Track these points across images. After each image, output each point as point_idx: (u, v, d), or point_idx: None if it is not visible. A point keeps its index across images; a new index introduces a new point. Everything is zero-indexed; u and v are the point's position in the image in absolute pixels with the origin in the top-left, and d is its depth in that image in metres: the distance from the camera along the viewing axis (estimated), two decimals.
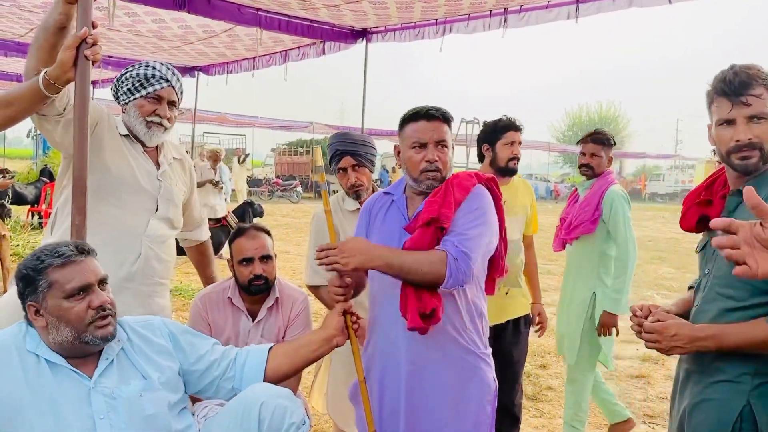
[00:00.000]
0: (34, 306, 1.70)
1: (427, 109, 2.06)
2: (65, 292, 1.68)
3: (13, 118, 1.98)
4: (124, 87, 2.29)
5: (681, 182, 36.46)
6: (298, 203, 22.96)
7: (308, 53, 7.02)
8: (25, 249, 8.59)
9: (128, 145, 2.32)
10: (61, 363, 1.71)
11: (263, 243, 2.64)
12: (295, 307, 2.70)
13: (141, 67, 2.29)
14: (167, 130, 2.36)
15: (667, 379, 4.88)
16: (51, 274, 1.68)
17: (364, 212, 2.25)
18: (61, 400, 1.67)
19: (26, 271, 1.70)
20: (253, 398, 1.84)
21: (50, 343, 1.71)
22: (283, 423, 1.81)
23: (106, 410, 1.71)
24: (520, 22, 5.18)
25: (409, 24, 5.89)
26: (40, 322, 1.70)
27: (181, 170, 2.56)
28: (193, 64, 8.34)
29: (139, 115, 2.29)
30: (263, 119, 24.14)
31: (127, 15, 5.80)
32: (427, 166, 2.03)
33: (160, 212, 2.36)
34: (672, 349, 1.66)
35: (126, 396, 1.74)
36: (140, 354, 1.84)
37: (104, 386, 1.73)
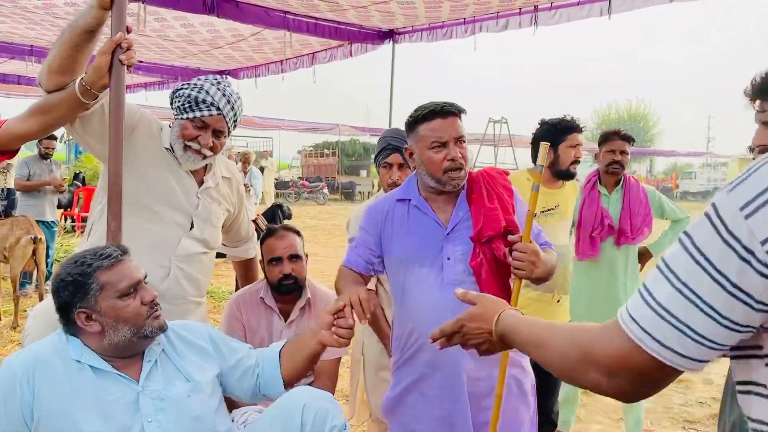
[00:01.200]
0: (85, 312, 1.67)
1: (441, 105, 1.97)
2: (119, 291, 1.68)
3: (52, 125, 1.99)
4: (177, 103, 2.18)
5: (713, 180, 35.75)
6: (324, 205, 23.03)
7: (335, 55, 7.02)
8: (59, 252, 8.73)
9: (169, 158, 2.21)
10: (107, 369, 1.70)
11: (292, 242, 2.63)
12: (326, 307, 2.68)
13: (195, 88, 2.15)
14: (206, 158, 2.22)
15: (706, 384, 4.75)
16: (101, 276, 1.67)
17: (371, 219, 2.11)
18: (109, 406, 1.67)
19: (73, 277, 1.67)
20: (296, 401, 1.83)
21: (104, 346, 1.70)
22: (325, 425, 1.80)
23: (155, 413, 1.70)
24: (552, 20, 5.09)
25: (437, 24, 5.84)
26: (94, 327, 1.68)
27: (228, 190, 2.44)
28: (222, 68, 8.40)
29: (180, 136, 2.16)
30: (290, 121, 24.32)
31: (157, 20, 5.86)
32: (451, 165, 1.95)
33: (195, 231, 2.24)
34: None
35: (174, 397, 1.75)
36: (182, 356, 1.84)
37: (151, 389, 1.73)
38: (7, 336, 5.33)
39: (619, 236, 3.29)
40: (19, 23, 6.14)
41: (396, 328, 2.12)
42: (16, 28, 6.39)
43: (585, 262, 3.35)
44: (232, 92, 2.21)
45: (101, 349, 1.71)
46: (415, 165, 2.05)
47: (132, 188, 2.06)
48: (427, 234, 2.01)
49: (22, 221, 5.80)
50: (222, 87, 2.19)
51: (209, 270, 2.39)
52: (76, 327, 1.71)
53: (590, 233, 3.30)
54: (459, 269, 1.96)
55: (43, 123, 1.95)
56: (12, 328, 5.53)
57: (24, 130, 1.96)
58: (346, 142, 30.98)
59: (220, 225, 2.37)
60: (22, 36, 6.78)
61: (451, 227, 1.99)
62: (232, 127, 2.24)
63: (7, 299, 6.00)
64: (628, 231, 3.27)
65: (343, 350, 2.68)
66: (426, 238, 2.00)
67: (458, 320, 1.37)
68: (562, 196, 2.99)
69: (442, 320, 1.88)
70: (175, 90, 2.21)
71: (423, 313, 1.96)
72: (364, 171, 30.86)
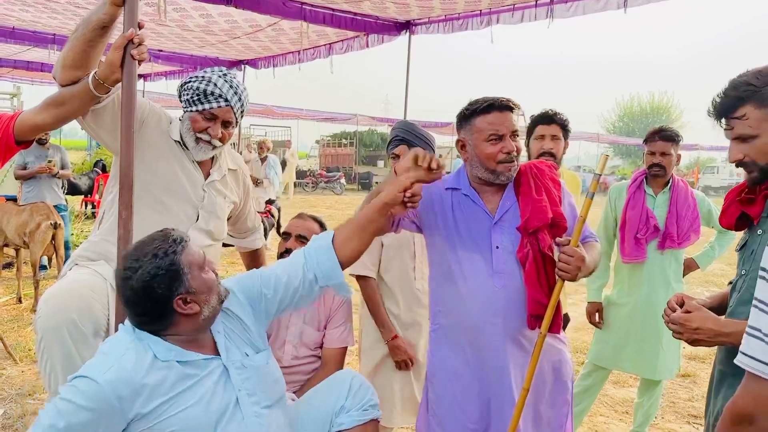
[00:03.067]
0: (182, 297, 1.71)
1: (499, 100, 2.04)
2: (199, 266, 1.75)
3: (66, 117, 2.05)
4: (185, 96, 2.25)
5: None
6: (341, 195, 23.09)
7: (352, 46, 7.04)
8: (79, 238, 8.90)
9: (178, 151, 2.28)
10: (193, 358, 1.73)
11: (307, 226, 2.70)
12: (337, 298, 2.73)
13: (203, 81, 2.22)
14: (216, 149, 2.30)
15: None
16: (184, 259, 1.72)
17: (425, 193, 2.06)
18: (207, 390, 1.73)
19: (165, 269, 1.67)
20: (346, 372, 2.13)
21: (198, 325, 1.75)
22: (366, 396, 2.04)
23: (241, 381, 1.80)
24: (567, 12, 5.06)
25: (452, 15, 5.83)
26: (193, 308, 1.72)
27: (234, 182, 2.50)
28: (240, 57, 8.47)
29: (191, 129, 2.24)
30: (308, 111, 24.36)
31: (176, 10, 5.93)
32: (506, 158, 2.02)
33: (200, 223, 2.30)
34: (695, 341, 1.66)
35: (255, 365, 1.85)
36: (242, 325, 1.90)
37: (233, 359, 1.82)
38: (27, 318, 5.47)
39: (663, 239, 3.18)
40: (42, 12, 6.25)
41: (438, 304, 2.18)
42: (39, 18, 6.51)
43: (627, 265, 3.26)
44: (239, 83, 2.28)
45: (193, 332, 1.75)
46: (467, 157, 2.10)
47: (142, 179, 2.12)
48: (475, 222, 2.08)
49: (41, 207, 5.93)
50: (229, 79, 2.25)
51: (217, 259, 2.45)
52: (167, 321, 1.72)
53: (635, 234, 3.20)
54: (507, 258, 2.05)
55: (57, 115, 2.02)
56: (32, 311, 5.67)
57: (38, 122, 2.03)
58: (364, 133, 30.96)
59: (225, 217, 2.43)
60: (45, 25, 6.90)
61: (499, 217, 2.07)
62: (239, 117, 2.31)
63: (28, 283, 6.15)
64: (674, 235, 3.16)
65: (350, 339, 2.74)
66: (475, 226, 2.07)
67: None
68: None
69: (489, 306, 2.02)
70: (182, 83, 2.28)
71: (472, 299, 2.05)
72: (382, 161, 30.83)
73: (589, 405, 3.46)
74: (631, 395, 4.25)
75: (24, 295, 6.04)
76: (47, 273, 7.06)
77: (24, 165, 6.54)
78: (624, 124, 51.44)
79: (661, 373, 3.26)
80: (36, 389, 3.91)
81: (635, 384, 4.45)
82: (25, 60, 9.60)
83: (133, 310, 1.72)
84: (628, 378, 4.56)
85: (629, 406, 4.08)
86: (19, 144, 2.04)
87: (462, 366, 2.11)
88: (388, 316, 2.78)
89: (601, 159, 1.99)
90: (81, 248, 2.26)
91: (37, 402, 3.73)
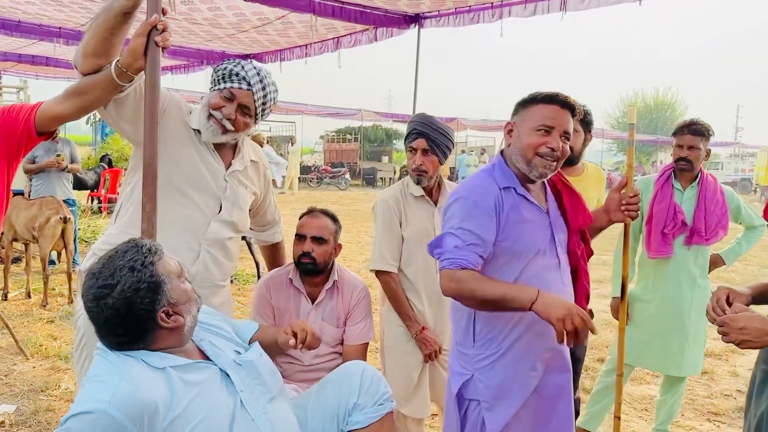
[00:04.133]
0: (165, 309, 1.61)
1: (564, 96, 1.95)
2: (177, 275, 1.67)
3: (88, 107, 2.00)
4: (214, 77, 2.21)
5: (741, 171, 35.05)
6: (346, 190, 23.04)
7: (360, 40, 6.98)
8: (86, 233, 8.88)
9: (197, 141, 2.21)
10: (187, 362, 1.65)
11: (321, 225, 2.65)
12: (355, 294, 2.69)
13: (232, 63, 2.20)
14: (227, 133, 2.18)
15: (731, 376, 4.70)
16: (161, 268, 1.62)
17: (485, 209, 1.90)
18: (213, 397, 1.65)
19: (147, 282, 1.57)
20: (356, 365, 2.06)
21: (181, 338, 1.66)
22: (379, 389, 1.99)
23: (241, 381, 1.75)
24: (581, 5, 4.99)
25: (463, 8, 5.77)
26: (177, 321, 1.63)
27: (255, 173, 2.43)
28: (247, 51, 8.41)
29: (207, 106, 2.17)
30: (313, 106, 24.31)
31: (183, 3, 5.88)
32: (548, 152, 1.91)
33: (223, 215, 2.24)
34: (742, 342, 1.60)
35: (250, 359, 1.81)
36: (218, 327, 1.89)
37: (226, 362, 1.76)
38: (37, 314, 5.44)
39: (691, 235, 3.11)
40: (48, 5, 6.20)
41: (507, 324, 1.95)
42: (45, 10, 6.46)
43: (653, 260, 3.20)
44: (268, 75, 2.23)
45: (177, 344, 1.67)
46: (510, 143, 2.00)
47: (163, 170, 2.07)
48: (537, 222, 1.98)
49: (50, 201, 5.88)
50: (259, 68, 2.21)
51: (236, 255, 2.39)
52: (150, 337, 1.61)
53: (662, 229, 3.12)
54: (564, 259, 2.02)
55: (79, 105, 1.97)
56: (42, 306, 5.64)
57: (60, 112, 1.98)
58: (369, 128, 30.88)
59: (247, 208, 2.37)
60: (51, 18, 6.84)
61: (552, 216, 2.03)
62: (260, 109, 2.22)
63: (37, 278, 6.12)
64: (702, 230, 3.09)
65: (371, 334, 2.70)
66: (538, 226, 1.98)
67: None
68: (580, 185, 2.90)
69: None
70: (215, 66, 2.25)
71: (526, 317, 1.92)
72: (386, 157, 30.77)
73: (611, 402, 3.41)
74: (650, 392, 4.20)
75: (33, 290, 6.01)
76: (56, 268, 7.03)
77: (33, 159, 6.49)
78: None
79: (687, 369, 3.21)
80: (48, 385, 3.87)
81: (653, 381, 4.41)
82: (30, 54, 9.55)
83: (113, 331, 1.57)
84: (646, 375, 4.52)
85: (648, 403, 4.03)
86: (41, 135, 1.99)
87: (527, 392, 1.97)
88: (412, 309, 2.73)
89: (630, 110, 2.10)
90: (101, 241, 2.20)
91: (50, 398, 3.70)
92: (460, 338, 2.05)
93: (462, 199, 1.93)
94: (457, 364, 2.05)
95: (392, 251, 2.71)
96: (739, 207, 3.27)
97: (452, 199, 1.97)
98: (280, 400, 1.88)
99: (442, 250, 1.90)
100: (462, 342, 2.04)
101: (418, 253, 2.73)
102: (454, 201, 1.96)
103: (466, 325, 2.02)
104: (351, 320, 2.66)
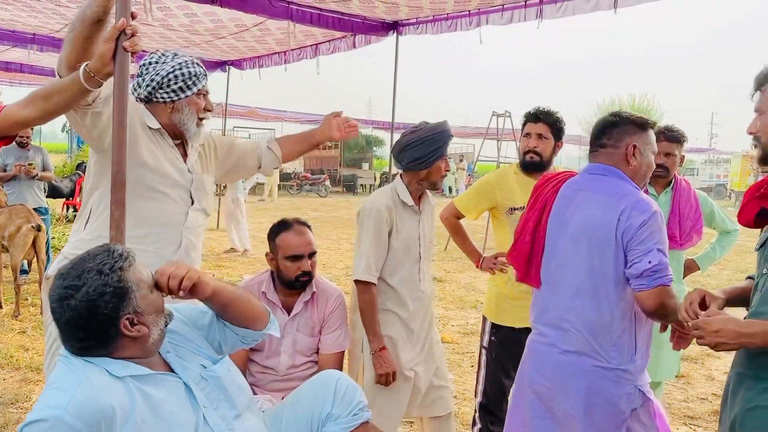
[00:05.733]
0: (129, 317, 1.56)
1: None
2: (149, 285, 1.62)
3: (54, 111, 1.96)
4: (175, 86, 2.23)
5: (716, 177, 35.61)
6: (326, 197, 22.99)
7: (339, 47, 6.98)
8: (61, 241, 8.73)
9: (159, 139, 2.29)
10: (149, 372, 1.61)
11: (310, 239, 2.63)
12: (330, 302, 2.66)
13: (181, 66, 2.23)
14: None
15: (707, 380, 4.75)
16: (132, 276, 1.58)
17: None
18: (169, 409, 1.60)
19: (113, 287, 1.53)
20: (330, 374, 2.04)
21: (145, 349, 1.62)
22: (354, 399, 1.96)
23: (205, 397, 1.70)
24: (557, 13, 5.04)
25: (441, 15, 5.80)
26: (140, 330, 1.58)
27: (204, 155, 2.51)
28: (225, 58, 8.37)
29: (194, 113, 2.29)
30: (292, 113, 24.22)
31: (160, 9, 5.82)
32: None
33: (196, 204, 2.36)
34: (717, 345, 1.60)
35: (217, 374, 1.75)
36: (188, 339, 1.81)
37: (189, 375, 1.70)
38: (8, 324, 5.32)
39: None
40: (22, 11, 6.11)
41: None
42: (18, 16, 6.36)
43: None
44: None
45: (141, 355, 1.61)
46: (637, 164, 2.13)
47: (136, 173, 2.11)
48: None
49: (20, 210, 5.77)
50: (188, 55, 2.33)
51: (203, 238, 2.56)
52: (112, 344, 1.57)
53: None
54: None
55: (44, 109, 1.93)
56: (13, 316, 5.52)
57: (23, 116, 1.94)
58: None
59: (212, 191, 2.54)
60: (24, 24, 6.75)
61: None
62: None
63: (8, 287, 5.99)
64: (676, 235, 3.08)
65: (346, 343, 2.67)
66: None
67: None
68: None
69: None
70: (162, 77, 2.21)
71: None
72: (366, 164, 30.76)
73: None
74: None
75: (5, 300, 5.88)
76: (28, 277, 6.89)
77: (4, 167, 6.38)
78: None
79: (662, 374, 3.23)
80: (18, 398, 3.78)
81: None
82: (4, 60, 9.40)
83: (74, 334, 1.54)
84: None
85: None
86: (1, 139, 1.95)
87: None
88: (379, 326, 2.64)
89: None
90: (71, 246, 2.20)
91: (20, 411, 3.61)
92: (620, 358, 2.04)
93: (657, 213, 1.99)
94: (616, 385, 2.04)
95: (378, 263, 2.65)
96: (713, 212, 3.30)
97: (649, 213, 1.97)
98: (249, 416, 1.82)
99: (659, 266, 1.93)
100: (624, 360, 2.04)
101: (404, 262, 2.70)
102: (653, 214, 1.98)
103: (628, 341, 2.06)
104: (326, 329, 2.63)
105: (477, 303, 6.75)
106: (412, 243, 2.71)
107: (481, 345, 3.06)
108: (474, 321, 6.01)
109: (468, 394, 4.11)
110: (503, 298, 2.96)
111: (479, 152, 12.69)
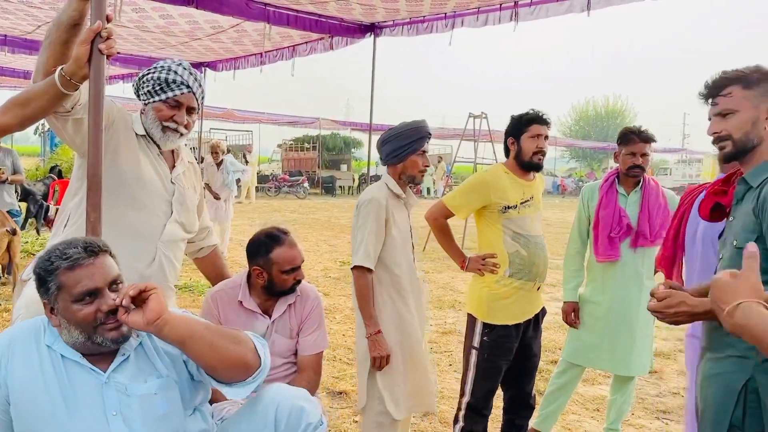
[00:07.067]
0: (48, 305, 1.68)
1: None
2: (73, 296, 1.63)
3: (32, 117, 1.94)
4: (145, 88, 2.24)
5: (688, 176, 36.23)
6: (305, 199, 22.92)
7: (316, 48, 6.99)
8: (34, 246, 8.61)
9: (144, 146, 2.27)
10: (75, 359, 1.69)
11: (299, 247, 2.66)
12: (308, 304, 2.67)
13: (163, 71, 2.22)
14: (183, 136, 2.31)
15: (679, 375, 4.85)
16: (60, 276, 1.64)
17: None
18: (75, 396, 1.66)
19: (38, 271, 1.67)
20: (268, 401, 1.84)
21: (66, 340, 1.70)
22: (300, 423, 1.81)
23: (119, 406, 1.67)
24: (531, 16, 5.13)
25: (417, 18, 5.86)
26: (54, 321, 1.69)
27: (193, 174, 2.51)
28: (201, 59, 8.33)
29: (156, 119, 2.24)
30: (270, 115, 24.17)
31: (135, 11, 5.79)
32: None
33: (175, 216, 2.31)
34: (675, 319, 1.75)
35: (140, 394, 1.70)
36: (158, 351, 1.79)
37: (118, 382, 1.69)
38: None
39: (636, 238, 3.20)
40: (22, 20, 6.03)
41: None
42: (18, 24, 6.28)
43: (601, 264, 3.28)
44: (190, 67, 2.31)
45: (66, 342, 1.70)
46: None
47: (116, 179, 2.09)
48: None
49: None
50: (187, 66, 2.28)
51: (181, 257, 2.45)
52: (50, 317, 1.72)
53: (609, 233, 3.21)
54: None
55: (22, 116, 1.91)
56: None
57: (1, 124, 1.92)
58: (327, 136, 30.81)
59: (195, 209, 2.46)
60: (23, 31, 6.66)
61: None
62: (201, 104, 2.34)
63: None
64: (646, 232, 3.18)
65: (324, 343, 2.69)
66: None
67: None
68: (534, 188, 3.07)
69: None
70: (140, 77, 2.26)
71: None
72: (345, 165, 30.74)
73: (564, 403, 3.48)
74: (602, 393, 4.30)
75: None
76: (2, 281, 6.79)
77: None
78: (580, 127, 52.52)
79: (635, 369, 3.30)
80: None
81: (605, 382, 4.51)
82: None
83: None
84: (598, 376, 4.62)
85: (600, 403, 4.12)
86: None
87: None
88: (375, 310, 2.73)
89: None
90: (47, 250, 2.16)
91: None
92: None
93: None
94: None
95: (376, 250, 2.75)
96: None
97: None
98: None
99: None
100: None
101: (404, 252, 2.83)
102: None
103: None
104: (304, 331, 2.63)
105: (455, 302, 6.81)
106: (407, 233, 2.88)
107: (471, 345, 3.06)
108: (452, 320, 6.06)
109: (446, 392, 4.14)
110: (495, 297, 2.99)
111: (456, 153, 12.76)
